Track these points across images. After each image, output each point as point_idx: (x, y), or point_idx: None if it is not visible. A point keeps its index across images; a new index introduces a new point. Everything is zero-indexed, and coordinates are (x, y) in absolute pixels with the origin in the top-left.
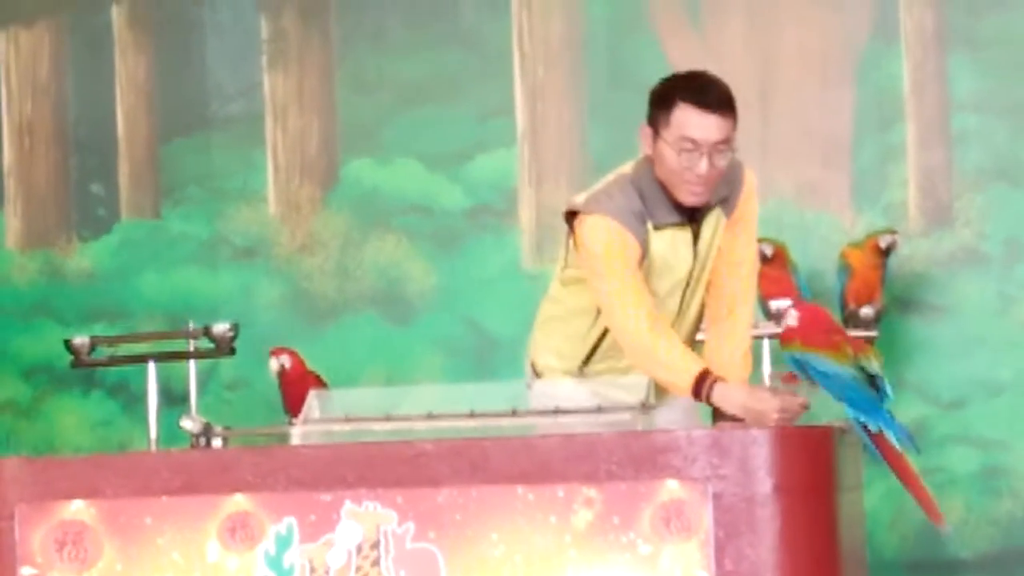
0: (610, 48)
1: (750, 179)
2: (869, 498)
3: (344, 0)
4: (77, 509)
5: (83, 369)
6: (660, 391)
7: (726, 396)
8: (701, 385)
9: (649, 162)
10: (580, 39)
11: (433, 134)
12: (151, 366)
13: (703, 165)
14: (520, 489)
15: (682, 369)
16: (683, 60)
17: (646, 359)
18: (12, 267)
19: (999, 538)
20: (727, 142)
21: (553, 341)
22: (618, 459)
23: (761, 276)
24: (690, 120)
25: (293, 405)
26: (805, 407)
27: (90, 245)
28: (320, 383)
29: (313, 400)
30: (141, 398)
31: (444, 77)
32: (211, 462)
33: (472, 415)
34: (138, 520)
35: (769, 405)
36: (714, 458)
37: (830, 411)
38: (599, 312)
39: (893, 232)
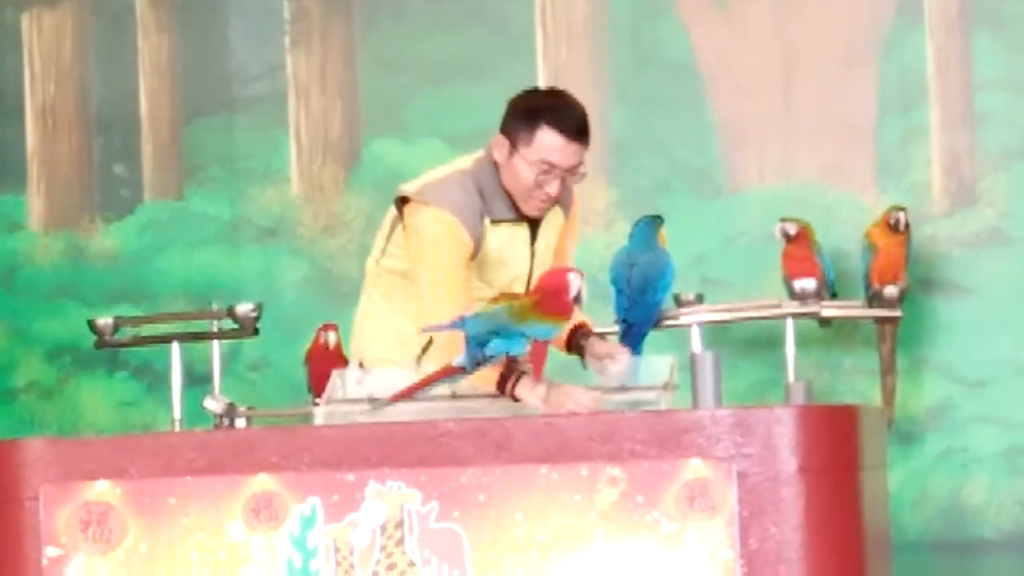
0: (634, 29)
1: (577, 193)
2: (893, 478)
3: None
4: (102, 489)
5: (107, 350)
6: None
7: (528, 391)
8: (506, 379)
9: (492, 162)
10: (604, 20)
11: (456, 114)
12: (175, 346)
13: (555, 187)
14: (544, 468)
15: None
16: (707, 42)
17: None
18: (36, 248)
19: (1023, 517)
20: (580, 165)
21: (382, 333)
22: (642, 438)
23: (785, 256)
24: (553, 145)
25: (319, 384)
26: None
27: (113, 226)
28: (347, 363)
29: (336, 380)
30: (165, 378)
31: (467, 56)
32: (235, 442)
33: (496, 395)
34: (162, 500)
35: (564, 399)
36: (738, 437)
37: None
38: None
39: (900, 208)
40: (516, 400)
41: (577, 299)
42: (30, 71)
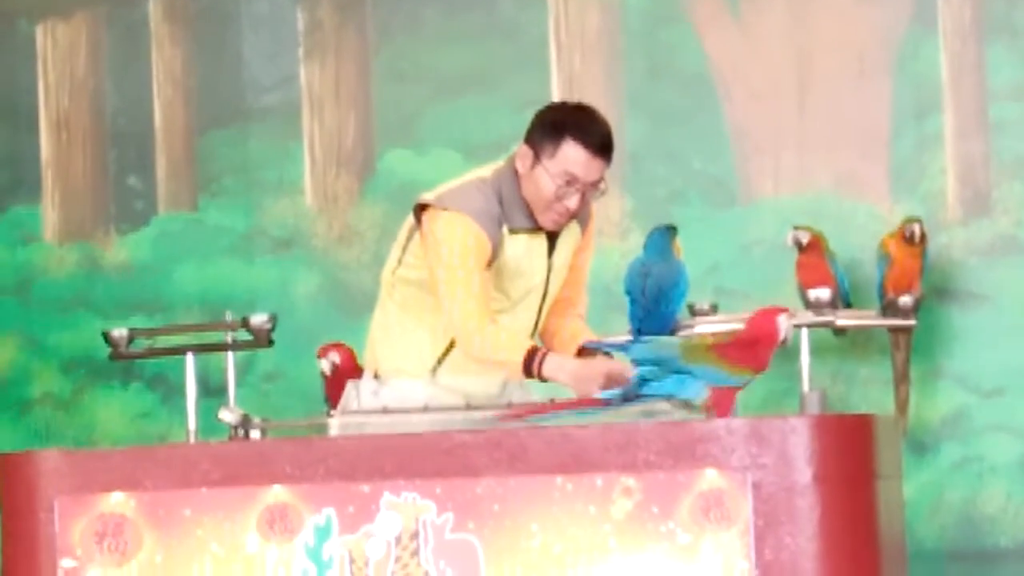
0: (647, 39)
1: (594, 210)
2: (908, 488)
3: None
4: (117, 501)
5: (122, 361)
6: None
7: (556, 367)
8: (532, 359)
9: (513, 172)
10: (617, 29)
11: (470, 125)
12: (189, 358)
13: (575, 201)
14: (559, 479)
15: (513, 348)
16: (720, 50)
17: (477, 344)
18: (51, 260)
19: None
20: (602, 181)
21: (398, 344)
22: (657, 448)
23: (798, 265)
24: (577, 158)
25: (336, 397)
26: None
27: (128, 238)
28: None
29: (351, 391)
30: (180, 390)
31: (481, 67)
32: (250, 453)
33: (509, 406)
34: (177, 512)
35: (595, 373)
36: (753, 447)
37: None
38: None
39: (916, 220)
40: (544, 380)
41: (784, 342)
42: (44, 83)
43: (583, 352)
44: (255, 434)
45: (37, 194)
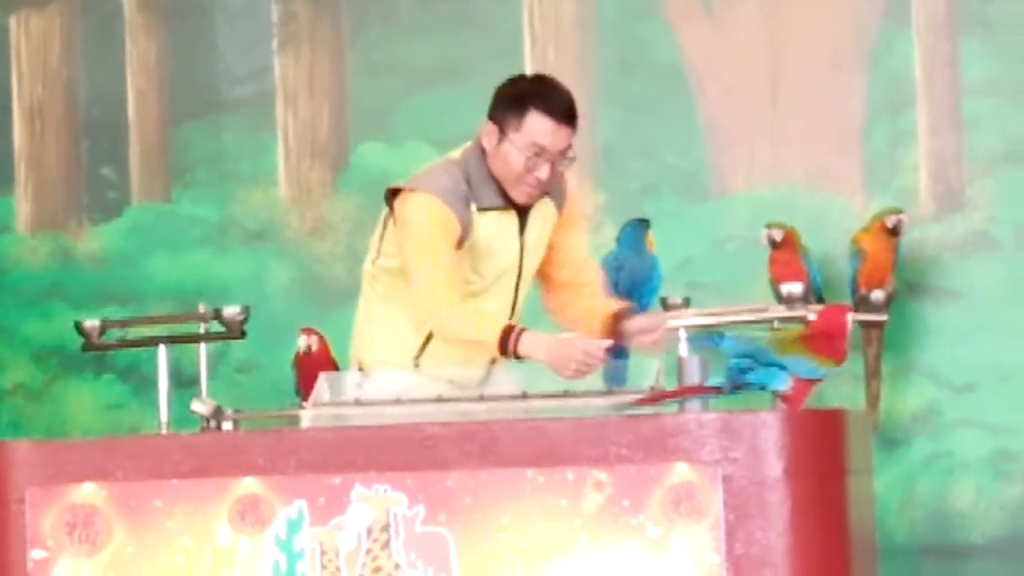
0: (621, 31)
1: (571, 183)
2: (879, 483)
3: None
4: (88, 492)
5: (94, 352)
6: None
7: (533, 344)
8: (507, 338)
9: (480, 150)
10: (591, 23)
11: (444, 117)
12: (162, 349)
13: (545, 171)
14: (530, 472)
15: (487, 328)
16: (694, 44)
17: (446, 319)
18: (23, 250)
19: (1009, 522)
20: (569, 148)
21: (381, 335)
22: (628, 442)
23: (771, 260)
24: (543, 128)
25: (307, 388)
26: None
27: (101, 228)
28: (335, 368)
29: (323, 383)
30: (152, 381)
31: (455, 60)
32: (221, 445)
33: (482, 398)
34: (148, 503)
35: (573, 350)
36: (724, 441)
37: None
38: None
39: (899, 212)
40: (520, 358)
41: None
42: (18, 73)
43: (619, 316)
44: (227, 426)
45: (10, 184)
